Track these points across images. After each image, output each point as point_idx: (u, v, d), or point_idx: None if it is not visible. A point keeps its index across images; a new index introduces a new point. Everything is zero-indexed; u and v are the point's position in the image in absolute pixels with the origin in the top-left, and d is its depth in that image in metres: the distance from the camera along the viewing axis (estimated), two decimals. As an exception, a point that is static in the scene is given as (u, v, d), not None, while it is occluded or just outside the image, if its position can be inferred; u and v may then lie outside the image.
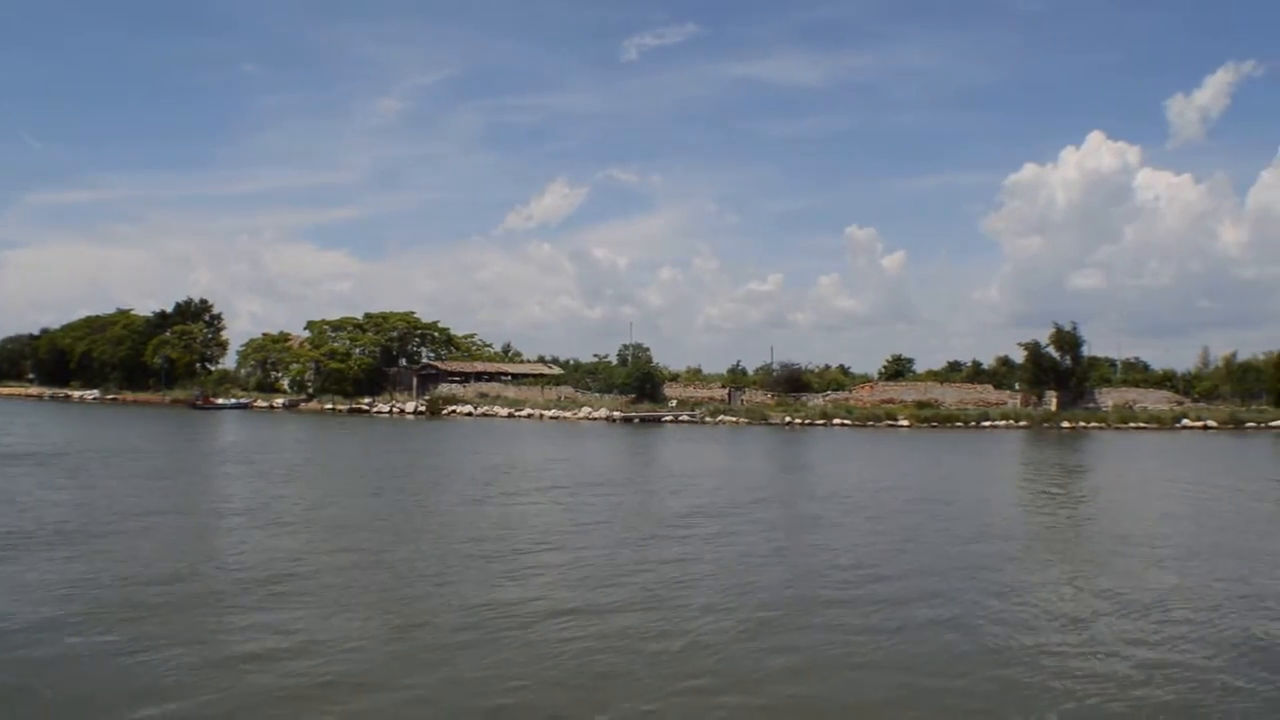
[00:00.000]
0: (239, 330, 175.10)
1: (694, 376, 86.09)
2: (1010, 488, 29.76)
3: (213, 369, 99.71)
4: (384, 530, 18.43)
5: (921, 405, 71.30)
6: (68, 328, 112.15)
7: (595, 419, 71.05)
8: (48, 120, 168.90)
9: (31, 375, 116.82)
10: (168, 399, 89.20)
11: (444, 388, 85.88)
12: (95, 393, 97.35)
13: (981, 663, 10.35)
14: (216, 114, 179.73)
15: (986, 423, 67.21)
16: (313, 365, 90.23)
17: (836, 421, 67.93)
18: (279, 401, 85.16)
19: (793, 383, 76.60)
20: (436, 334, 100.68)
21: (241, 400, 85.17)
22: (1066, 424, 66.16)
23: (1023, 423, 67.42)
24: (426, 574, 14.38)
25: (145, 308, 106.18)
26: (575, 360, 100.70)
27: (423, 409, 78.06)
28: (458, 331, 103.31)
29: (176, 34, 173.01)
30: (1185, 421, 66.54)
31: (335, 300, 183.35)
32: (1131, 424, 65.89)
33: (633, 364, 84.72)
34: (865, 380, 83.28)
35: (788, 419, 68.72)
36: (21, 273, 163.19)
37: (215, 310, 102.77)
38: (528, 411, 75.89)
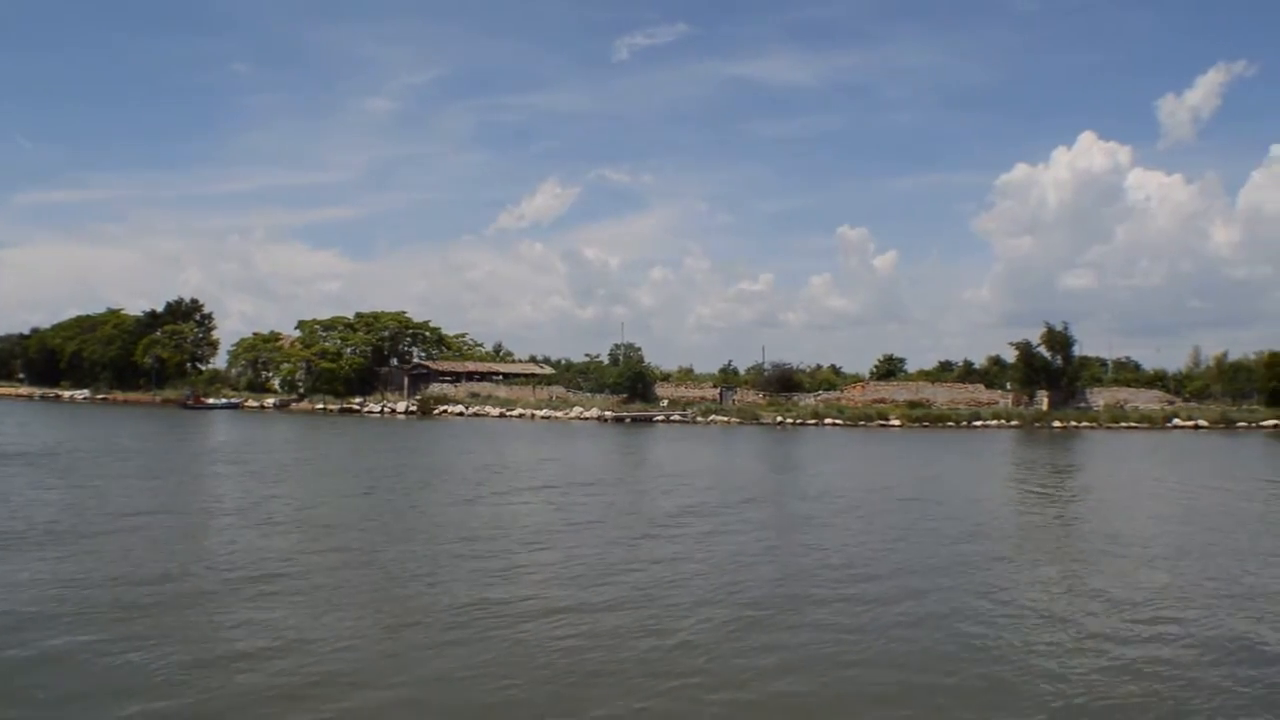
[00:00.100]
0: (230, 330, 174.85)
1: (685, 376, 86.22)
2: (1001, 487, 29.84)
3: (203, 369, 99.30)
4: (375, 530, 18.39)
5: (913, 405, 71.51)
6: (58, 327, 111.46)
7: (587, 419, 70.99)
8: (38, 120, 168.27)
9: (22, 375, 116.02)
10: (158, 399, 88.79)
11: (435, 387, 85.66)
12: (86, 392, 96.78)
13: (971, 661, 10.41)
14: (206, 113, 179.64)
15: (978, 422, 67.42)
16: (304, 365, 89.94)
17: (828, 421, 68.03)
18: (270, 401, 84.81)
19: (784, 382, 76.73)
20: (428, 334, 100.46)
21: (232, 400, 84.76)
22: (1058, 423, 66.46)
23: (1014, 422, 67.67)
24: (417, 573, 14.37)
25: (136, 307, 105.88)
26: (567, 360, 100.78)
27: (414, 409, 77.82)
28: (449, 331, 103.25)
29: (166, 34, 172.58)
30: (1176, 421, 66.93)
31: (326, 300, 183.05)
32: (1123, 424, 66.21)
33: (624, 364, 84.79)
34: (857, 380, 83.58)
35: (779, 419, 68.80)
36: (11, 272, 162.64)
37: (206, 310, 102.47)
38: (519, 411, 75.76)
